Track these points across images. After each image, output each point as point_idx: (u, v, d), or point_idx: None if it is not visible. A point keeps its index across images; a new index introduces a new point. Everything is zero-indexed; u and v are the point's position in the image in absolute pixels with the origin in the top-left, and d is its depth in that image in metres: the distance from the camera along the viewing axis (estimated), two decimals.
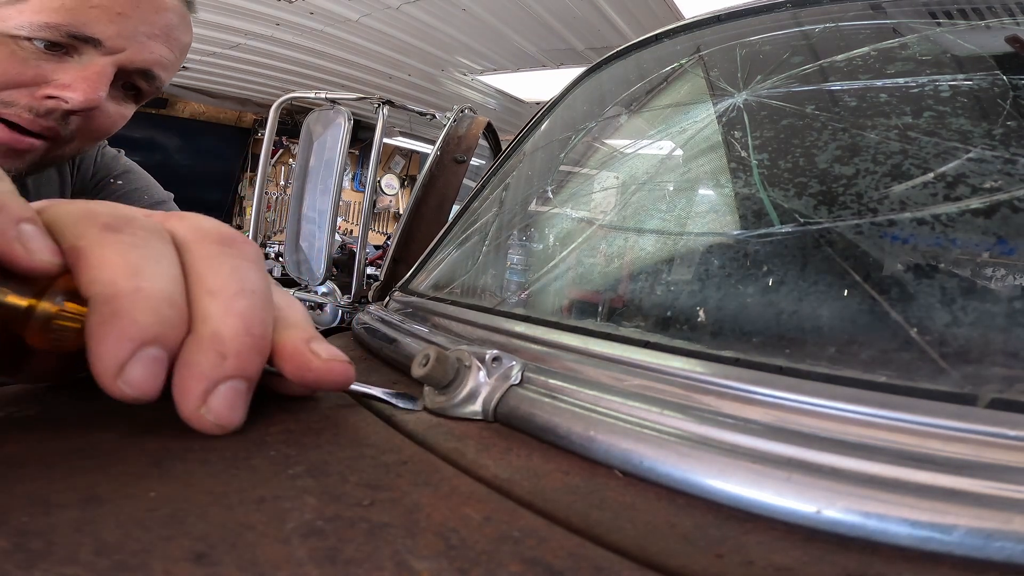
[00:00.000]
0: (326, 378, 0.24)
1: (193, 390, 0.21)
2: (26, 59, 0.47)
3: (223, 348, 0.21)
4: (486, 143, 0.86)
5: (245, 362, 0.21)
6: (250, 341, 0.21)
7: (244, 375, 0.21)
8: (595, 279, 0.42)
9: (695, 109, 0.46)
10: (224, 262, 0.22)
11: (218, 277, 0.22)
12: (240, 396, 0.22)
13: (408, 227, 0.73)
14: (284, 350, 0.23)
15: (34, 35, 0.46)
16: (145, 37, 0.51)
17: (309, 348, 0.24)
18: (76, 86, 0.48)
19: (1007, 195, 0.27)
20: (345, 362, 0.24)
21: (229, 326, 0.21)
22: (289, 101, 0.80)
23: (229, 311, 0.21)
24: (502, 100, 4.39)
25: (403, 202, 6.68)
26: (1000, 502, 0.17)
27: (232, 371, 0.21)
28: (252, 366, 0.22)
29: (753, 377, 0.25)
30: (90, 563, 0.14)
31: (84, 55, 0.48)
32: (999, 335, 0.24)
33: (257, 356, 0.22)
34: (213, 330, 0.21)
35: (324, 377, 0.24)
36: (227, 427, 0.21)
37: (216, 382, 0.21)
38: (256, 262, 0.23)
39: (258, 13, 3.09)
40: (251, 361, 0.22)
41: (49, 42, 0.47)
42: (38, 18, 0.46)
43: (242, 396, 0.22)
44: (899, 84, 0.35)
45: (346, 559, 0.15)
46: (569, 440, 0.24)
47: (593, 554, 0.16)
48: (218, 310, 0.21)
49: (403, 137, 5.68)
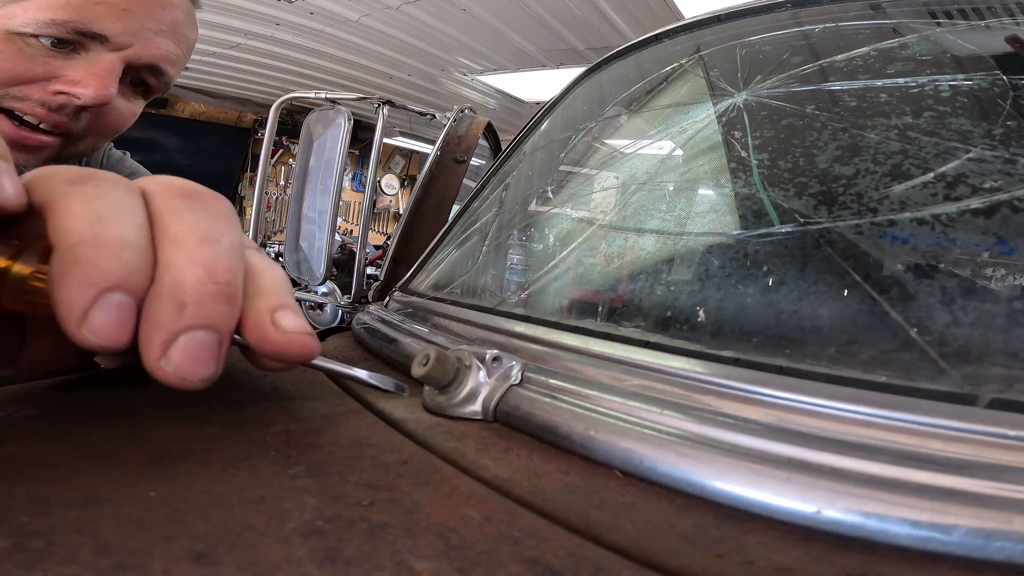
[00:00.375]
0: (286, 351, 0.23)
1: (153, 341, 0.20)
2: (34, 56, 0.47)
3: (183, 297, 0.20)
4: (486, 143, 0.86)
5: (207, 311, 0.20)
6: (213, 289, 0.20)
7: (207, 324, 0.20)
8: (595, 279, 0.42)
9: (695, 109, 0.46)
10: (190, 213, 0.22)
11: (182, 225, 0.21)
12: (204, 348, 0.20)
13: (408, 227, 0.73)
14: (248, 319, 0.22)
15: (40, 32, 0.46)
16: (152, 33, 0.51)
17: (272, 319, 0.22)
18: (86, 82, 0.48)
19: (1007, 195, 0.27)
20: (308, 335, 0.23)
21: (191, 274, 0.20)
22: (289, 101, 0.80)
23: (191, 259, 0.20)
24: (502, 100, 4.39)
25: (403, 202, 6.68)
26: (1000, 502, 0.17)
27: (192, 320, 0.20)
28: (217, 316, 0.20)
29: (753, 377, 0.25)
30: (90, 563, 0.14)
31: (91, 52, 0.49)
32: (999, 335, 0.24)
33: (223, 305, 0.21)
34: (173, 278, 0.20)
35: (284, 350, 0.23)
36: (190, 379, 0.20)
37: (175, 333, 0.20)
38: (225, 216, 0.23)
39: (258, 13, 3.09)
40: (215, 310, 0.20)
41: (56, 39, 0.47)
42: (44, 15, 0.46)
43: (207, 348, 0.20)
44: (899, 84, 0.35)
45: (346, 559, 0.15)
46: (569, 440, 0.24)
47: (593, 554, 0.16)
48: (180, 259, 0.20)
49: (403, 137, 5.68)
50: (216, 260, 0.21)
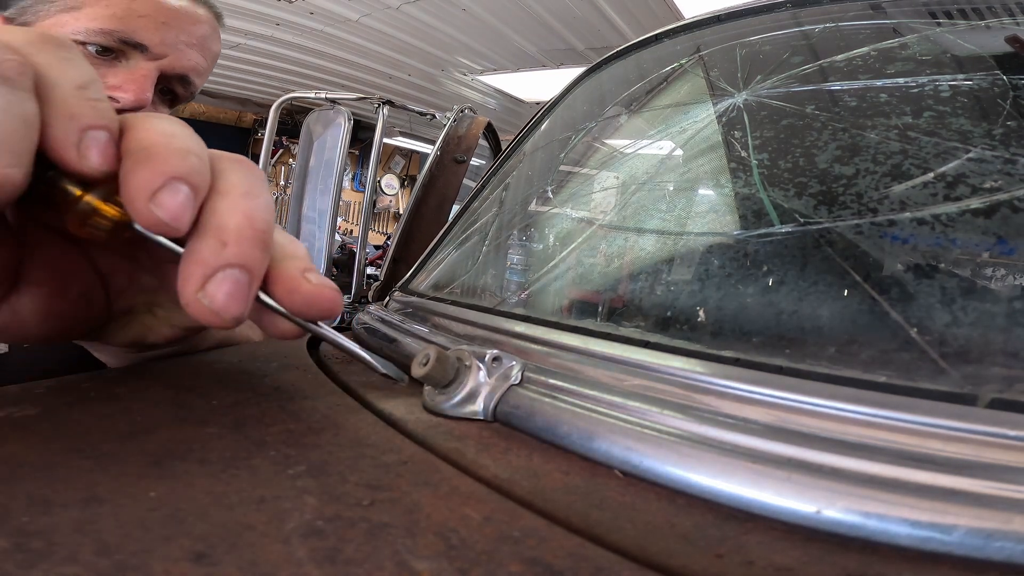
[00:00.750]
0: (314, 302, 0.25)
1: (193, 275, 0.22)
2: None
3: (225, 237, 0.22)
4: (486, 143, 0.86)
5: (245, 252, 0.22)
6: (251, 233, 0.22)
7: (243, 264, 0.22)
8: (595, 279, 0.42)
9: (695, 109, 0.46)
10: (234, 172, 0.24)
11: (228, 181, 0.24)
12: (239, 287, 0.22)
13: (408, 227, 0.73)
14: (278, 276, 0.24)
15: (89, 40, 0.51)
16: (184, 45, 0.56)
17: (302, 275, 0.25)
18: (127, 87, 0.53)
19: (1007, 195, 0.27)
20: (334, 290, 0.25)
21: (233, 220, 0.22)
22: (289, 101, 0.80)
23: (235, 208, 0.23)
24: (502, 100, 4.39)
25: (403, 202, 6.68)
26: (1000, 502, 0.17)
27: (232, 258, 0.22)
28: (252, 258, 0.23)
29: (753, 377, 0.25)
30: (90, 563, 0.14)
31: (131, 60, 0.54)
32: (999, 335, 0.24)
33: (259, 250, 0.23)
34: (218, 222, 0.22)
35: (313, 300, 0.25)
36: (222, 315, 0.22)
37: (215, 268, 0.22)
38: (263, 180, 0.25)
39: (258, 13, 3.09)
40: (251, 253, 0.22)
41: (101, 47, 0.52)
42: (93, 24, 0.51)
43: (241, 287, 0.22)
44: (899, 84, 0.35)
45: (346, 559, 0.15)
46: (569, 440, 0.24)
47: (593, 554, 0.16)
48: (225, 206, 0.23)
49: (403, 137, 5.68)
50: (255, 211, 0.23)
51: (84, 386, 0.27)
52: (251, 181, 0.24)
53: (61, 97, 0.21)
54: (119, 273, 0.30)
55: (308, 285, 0.25)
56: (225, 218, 0.22)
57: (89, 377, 0.29)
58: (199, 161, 0.22)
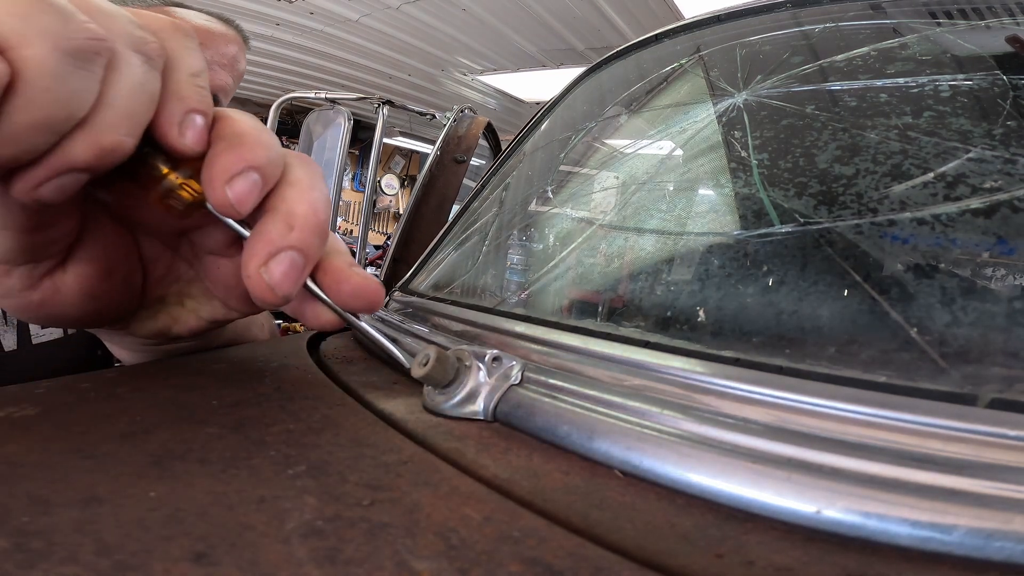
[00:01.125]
0: (361, 294, 0.27)
1: (260, 251, 0.24)
2: None
3: (293, 221, 0.24)
4: (486, 143, 0.86)
5: (308, 237, 0.25)
6: (315, 220, 0.25)
7: (304, 248, 0.24)
8: (595, 279, 0.42)
9: (695, 109, 0.46)
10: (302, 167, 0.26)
11: (298, 174, 0.26)
12: (296, 268, 0.24)
13: (408, 227, 0.73)
14: (328, 267, 0.27)
15: None
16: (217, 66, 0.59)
17: (350, 267, 0.27)
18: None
19: (1007, 195, 0.27)
20: (379, 285, 0.27)
21: (301, 208, 0.25)
22: (289, 101, 0.80)
23: (303, 198, 0.25)
24: (502, 100, 4.39)
25: (403, 202, 6.68)
26: (1000, 502, 0.17)
27: (295, 242, 0.24)
28: (312, 245, 0.25)
29: (753, 377, 0.25)
30: (90, 563, 0.14)
31: None
32: (999, 335, 0.24)
33: (317, 238, 0.25)
34: (288, 208, 0.25)
35: (359, 292, 0.27)
36: (277, 292, 0.24)
37: (280, 248, 0.24)
38: (323, 178, 0.28)
39: (258, 13, 3.09)
40: (312, 240, 0.25)
41: None
42: None
43: (297, 269, 0.24)
44: (899, 84, 0.35)
45: (346, 559, 0.15)
46: (569, 440, 0.24)
47: (593, 554, 0.16)
48: (294, 195, 0.25)
49: (403, 137, 5.68)
50: (319, 203, 0.26)
51: (84, 386, 0.27)
52: (315, 177, 0.27)
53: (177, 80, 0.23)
54: (160, 261, 0.32)
55: (357, 277, 0.27)
56: (294, 205, 0.25)
57: (89, 377, 0.29)
58: (275, 154, 0.25)
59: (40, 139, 0.19)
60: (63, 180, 0.21)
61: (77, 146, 0.20)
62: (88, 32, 0.19)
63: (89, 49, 0.19)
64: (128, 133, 0.21)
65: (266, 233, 0.24)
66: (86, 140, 0.20)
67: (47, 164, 0.20)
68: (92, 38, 0.19)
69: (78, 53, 0.19)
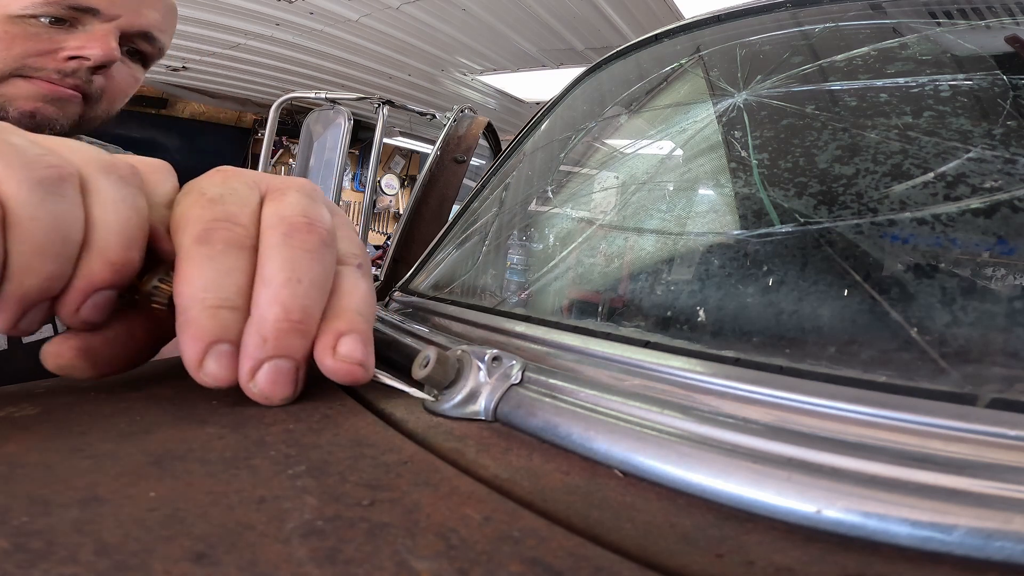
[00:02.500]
0: (335, 376, 0.26)
1: (244, 367, 0.24)
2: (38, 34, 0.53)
3: (264, 331, 0.24)
4: (486, 143, 0.86)
5: (283, 344, 0.24)
6: (287, 326, 0.24)
7: (284, 355, 0.24)
8: (595, 279, 0.42)
9: (695, 109, 0.46)
10: (280, 252, 0.25)
11: (271, 267, 0.25)
12: (282, 374, 0.25)
13: (408, 227, 0.73)
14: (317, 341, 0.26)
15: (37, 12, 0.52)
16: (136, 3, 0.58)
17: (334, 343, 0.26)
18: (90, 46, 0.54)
19: (1007, 195, 0.27)
20: (358, 364, 0.26)
21: (271, 313, 0.24)
22: (289, 101, 0.80)
23: (273, 300, 0.24)
24: (502, 100, 4.39)
25: (403, 202, 6.68)
26: (1000, 502, 0.17)
27: (272, 351, 0.24)
28: (291, 348, 0.25)
29: (753, 377, 0.25)
30: (90, 563, 0.14)
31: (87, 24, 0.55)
32: (999, 335, 0.24)
33: (296, 339, 0.25)
34: (259, 315, 0.24)
35: (333, 375, 0.26)
36: (272, 399, 0.25)
37: (260, 361, 0.24)
38: (315, 251, 0.26)
39: (258, 13, 3.09)
40: (289, 344, 0.24)
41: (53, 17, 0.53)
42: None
43: (284, 374, 0.25)
44: (899, 84, 0.35)
45: (346, 559, 0.15)
46: (569, 440, 0.24)
47: (593, 554, 0.16)
48: (265, 298, 0.24)
49: (403, 137, 5.68)
50: (293, 299, 0.25)
51: (84, 386, 0.27)
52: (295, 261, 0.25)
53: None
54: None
55: (329, 361, 0.26)
56: (264, 311, 0.24)
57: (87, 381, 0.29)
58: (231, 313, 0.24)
59: (51, 265, 0.21)
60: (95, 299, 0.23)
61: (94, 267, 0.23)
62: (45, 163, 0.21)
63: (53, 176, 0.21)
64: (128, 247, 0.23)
65: (245, 348, 0.24)
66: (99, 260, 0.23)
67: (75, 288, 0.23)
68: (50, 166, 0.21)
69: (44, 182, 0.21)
